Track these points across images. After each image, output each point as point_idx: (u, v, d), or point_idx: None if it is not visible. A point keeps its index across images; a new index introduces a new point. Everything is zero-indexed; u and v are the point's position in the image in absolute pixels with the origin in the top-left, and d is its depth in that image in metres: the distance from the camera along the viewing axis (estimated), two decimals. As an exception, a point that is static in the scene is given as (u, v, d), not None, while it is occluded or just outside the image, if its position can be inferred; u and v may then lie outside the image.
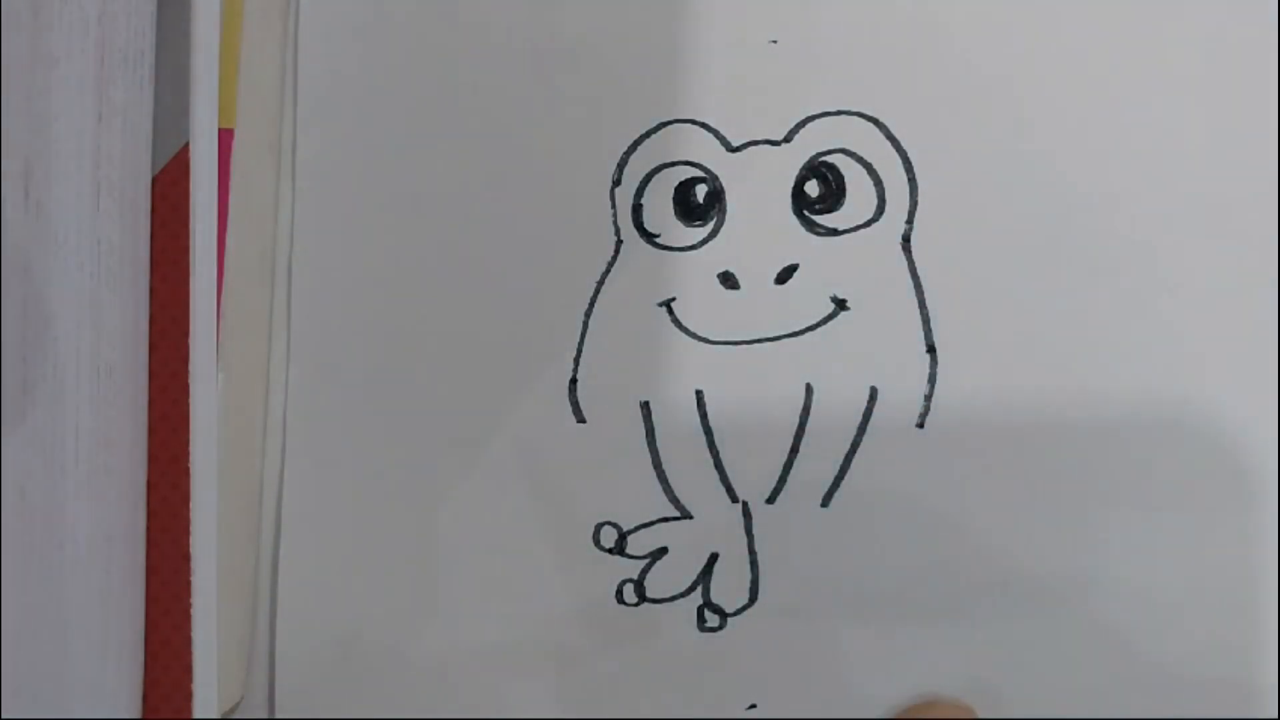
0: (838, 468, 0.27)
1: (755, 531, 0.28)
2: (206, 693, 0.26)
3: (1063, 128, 0.27)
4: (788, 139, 0.28)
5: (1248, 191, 0.27)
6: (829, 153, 0.28)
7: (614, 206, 0.28)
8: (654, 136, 0.28)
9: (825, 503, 0.27)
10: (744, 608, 0.28)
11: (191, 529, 0.26)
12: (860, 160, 0.28)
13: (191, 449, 0.26)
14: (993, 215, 0.27)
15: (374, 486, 0.28)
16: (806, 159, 0.28)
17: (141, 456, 0.29)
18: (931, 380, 0.27)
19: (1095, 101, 0.27)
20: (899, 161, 0.28)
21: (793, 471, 0.27)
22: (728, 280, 0.28)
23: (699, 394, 0.28)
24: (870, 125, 0.28)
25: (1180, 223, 0.27)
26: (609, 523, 0.28)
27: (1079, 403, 0.27)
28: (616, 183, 0.28)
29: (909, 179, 0.28)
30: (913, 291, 0.27)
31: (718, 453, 0.28)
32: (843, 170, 0.28)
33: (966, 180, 0.28)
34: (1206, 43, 0.27)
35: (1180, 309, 0.27)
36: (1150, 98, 0.27)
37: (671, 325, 0.28)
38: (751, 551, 0.28)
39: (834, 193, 0.28)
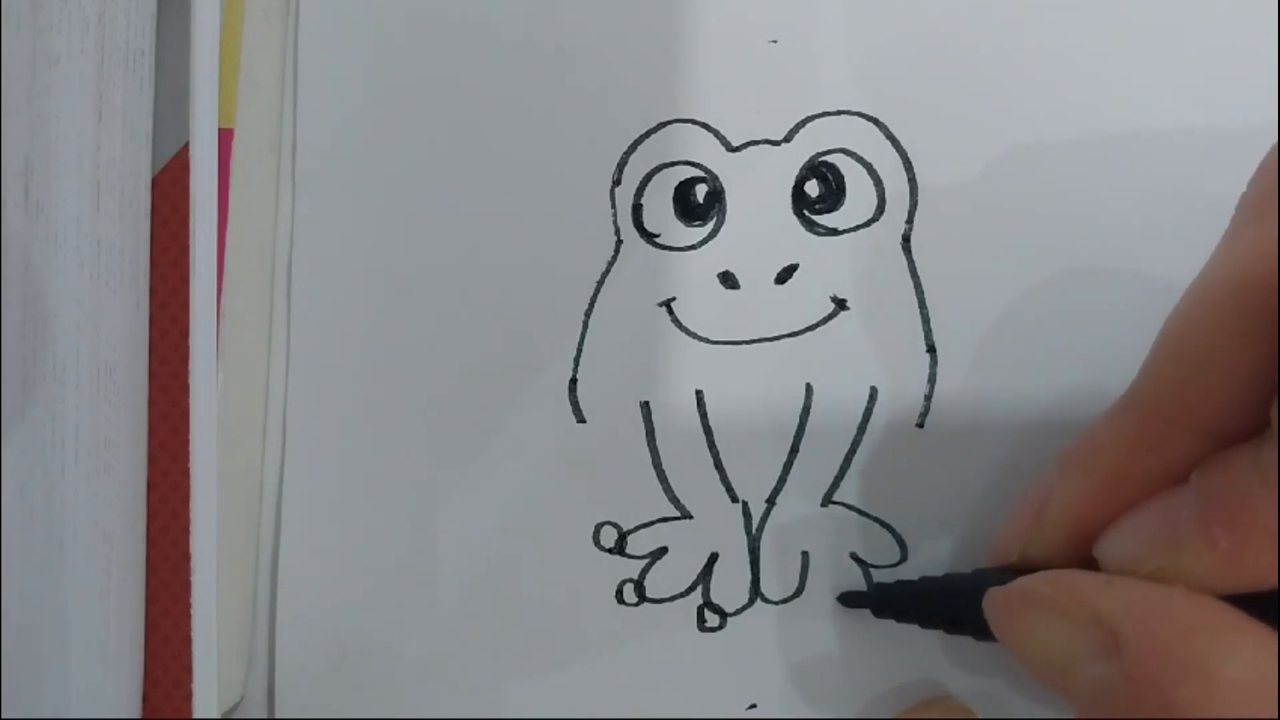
0: (838, 468, 0.27)
1: (755, 531, 0.28)
2: (206, 693, 0.26)
3: (1063, 127, 0.27)
4: (788, 139, 0.28)
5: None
6: (829, 153, 0.28)
7: (614, 206, 0.28)
8: (654, 136, 0.28)
9: (825, 503, 0.27)
10: (744, 608, 0.28)
11: (191, 529, 0.26)
12: (860, 160, 0.28)
13: (191, 449, 0.26)
14: (993, 215, 0.27)
15: (374, 486, 0.28)
16: (806, 159, 0.28)
17: (141, 456, 0.29)
18: (931, 380, 0.27)
19: (1096, 101, 0.27)
20: (899, 161, 0.28)
21: (793, 471, 0.27)
22: (728, 280, 0.28)
23: (699, 394, 0.28)
24: (870, 125, 0.28)
25: (1181, 222, 0.27)
26: (609, 523, 0.28)
27: (1079, 403, 0.27)
28: (616, 183, 0.28)
29: (909, 179, 0.28)
30: (913, 291, 0.27)
31: (718, 453, 0.28)
32: (843, 170, 0.28)
33: (966, 180, 0.28)
34: (1207, 43, 0.27)
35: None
36: (1151, 98, 0.27)
37: (671, 325, 0.28)
38: (752, 551, 0.28)
39: (834, 193, 0.28)
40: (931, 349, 0.27)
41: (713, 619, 0.28)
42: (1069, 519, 0.23)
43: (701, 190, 0.28)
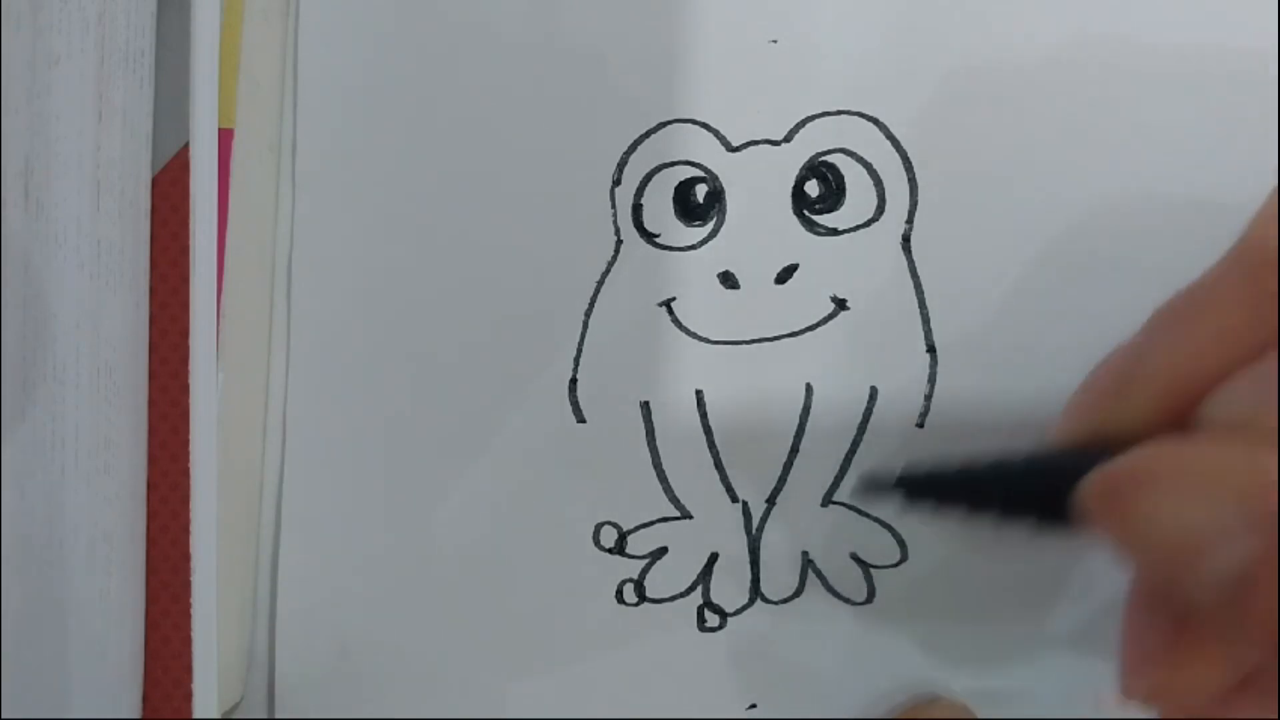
0: (838, 468, 0.27)
1: (755, 531, 0.28)
2: (206, 693, 0.26)
3: (1063, 128, 0.27)
4: (788, 139, 0.28)
5: (1248, 192, 0.27)
6: (829, 152, 0.28)
7: (614, 206, 0.28)
8: (654, 136, 0.28)
9: (825, 503, 0.27)
10: (744, 608, 0.28)
11: (191, 529, 0.26)
12: (860, 160, 0.28)
13: (191, 449, 0.26)
14: (993, 215, 0.27)
15: (374, 486, 0.28)
16: (806, 159, 0.28)
17: (141, 456, 0.29)
18: (931, 380, 0.27)
19: (1096, 101, 0.27)
20: (899, 161, 0.28)
21: (793, 471, 0.27)
22: (728, 280, 0.28)
23: (699, 394, 0.28)
24: (870, 125, 0.28)
25: (1181, 223, 0.27)
26: (609, 523, 0.28)
27: (1079, 403, 0.27)
28: (616, 182, 0.28)
29: (909, 179, 0.28)
30: (913, 291, 0.27)
31: (718, 453, 0.28)
32: (843, 170, 0.28)
33: (966, 180, 0.28)
34: (1207, 43, 0.27)
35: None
36: (1151, 98, 0.27)
37: (671, 325, 0.28)
38: (751, 551, 0.28)
39: (834, 192, 0.28)
40: (931, 349, 0.27)
41: (713, 619, 0.28)
42: (1165, 382, 0.20)
43: (701, 190, 0.28)
